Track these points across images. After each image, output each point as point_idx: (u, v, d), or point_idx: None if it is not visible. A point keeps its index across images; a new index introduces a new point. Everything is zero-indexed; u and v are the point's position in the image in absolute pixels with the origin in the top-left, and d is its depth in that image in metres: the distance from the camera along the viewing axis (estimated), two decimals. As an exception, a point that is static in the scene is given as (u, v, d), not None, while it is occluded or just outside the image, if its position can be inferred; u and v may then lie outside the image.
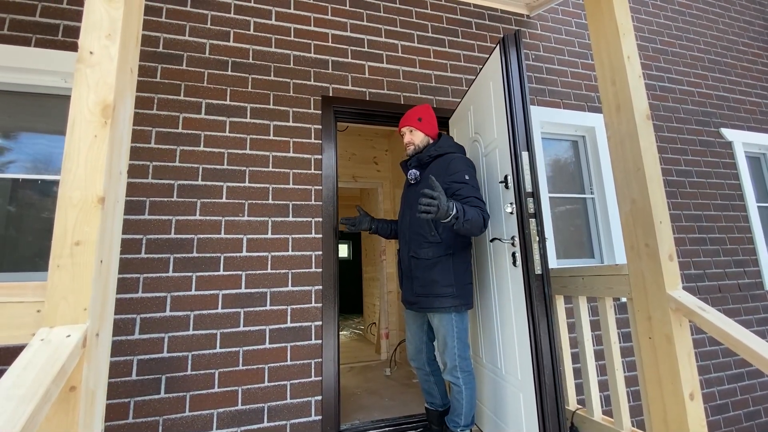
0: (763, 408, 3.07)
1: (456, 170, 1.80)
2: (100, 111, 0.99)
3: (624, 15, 1.67)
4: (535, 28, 3.19)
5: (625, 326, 2.69)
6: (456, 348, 1.82)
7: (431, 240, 1.85)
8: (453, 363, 1.83)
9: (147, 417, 1.84)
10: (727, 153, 3.58)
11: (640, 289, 1.56)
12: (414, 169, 2.00)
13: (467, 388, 1.83)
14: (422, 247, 1.88)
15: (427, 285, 1.84)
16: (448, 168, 1.82)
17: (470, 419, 1.87)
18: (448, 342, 1.83)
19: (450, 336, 1.82)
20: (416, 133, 2.01)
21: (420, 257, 1.88)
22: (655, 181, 1.53)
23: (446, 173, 1.81)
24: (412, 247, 1.94)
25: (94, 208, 0.94)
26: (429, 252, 1.85)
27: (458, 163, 1.83)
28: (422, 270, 1.87)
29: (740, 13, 4.17)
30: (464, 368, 1.83)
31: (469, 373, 1.85)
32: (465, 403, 1.83)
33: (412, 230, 1.95)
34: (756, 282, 3.33)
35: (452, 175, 1.80)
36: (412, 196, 2.00)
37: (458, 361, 1.82)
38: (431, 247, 1.85)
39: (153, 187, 2.06)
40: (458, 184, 1.77)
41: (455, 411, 1.87)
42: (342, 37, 2.59)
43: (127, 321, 1.90)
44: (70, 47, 2.08)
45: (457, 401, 1.85)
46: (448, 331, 1.83)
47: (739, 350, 1.22)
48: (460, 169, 1.80)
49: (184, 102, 2.20)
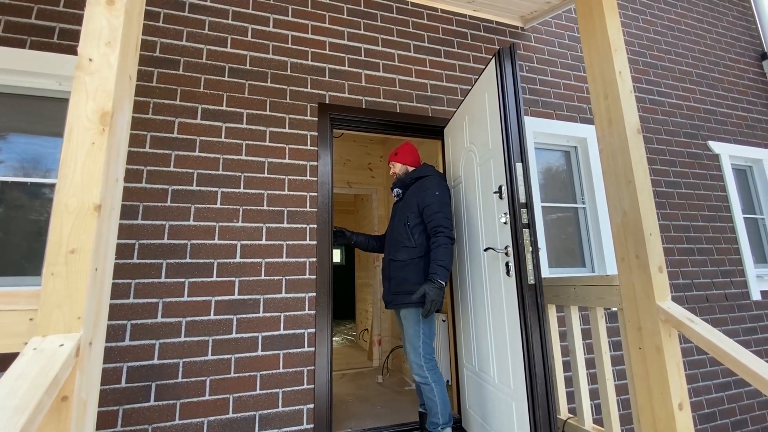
0: (749, 417, 3.12)
1: (427, 188, 2.13)
2: (98, 118, 0.99)
3: (616, 31, 1.71)
4: (529, 40, 3.25)
5: (616, 335, 2.72)
6: (420, 347, 1.98)
7: (407, 245, 2.12)
8: (419, 362, 1.96)
9: (136, 425, 1.81)
10: (715, 165, 3.67)
11: (630, 300, 1.59)
12: (398, 188, 2.33)
13: (437, 385, 1.94)
14: (399, 251, 2.14)
15: (400, 283, 2.07)
16: (422, 187, 2.17)
17: (447, 416, 1.92)
18: (413, 341, 2.00)
19: (416, 335, 2.00)
20: (396, 164, 2.39)
21: (397, 259, 2.14)
22: (645, 194, 1.56)
23: (420, 191, 2.16)
24: (391, 251, 2.20)
25: (90, 216, 0.94)
26: (404, 255, 2.11)
27: (429, 182, 2.16)
28: (397, 270, 2.12)
29: (727, 29, 4.29)
30: (430, 367, 1.97)
31: (435, 370, 1.97)
32: (438, 401, 1.92)
33: (392, 237, 2.24)
34: (742, 292, 3.40)
35: (424, 191, 2.13)
36: (396, 210, 2.32)
37: (424, 361, 1.96)
38: (406, 250, 2.11)
39: (147, 192, 2.05)
40: (429, 198, 2.09)
41: (431, 411, 1.94)
42: (339, 45, 2.61)
43: (118, 327, 1.88)
44: (65, 50, 2.07)
45: (431, 400, 1.93)
46: (414, 330, 2.01)
47: (726, 361, 1.25)
48: (430, 187, 2.13)
49: (180, 107, 2.19)
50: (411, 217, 2.13)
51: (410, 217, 2.14)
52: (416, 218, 2.12)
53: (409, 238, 2.11)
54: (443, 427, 1.91)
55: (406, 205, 2.19)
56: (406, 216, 2.15)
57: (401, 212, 2.22)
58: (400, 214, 2.22)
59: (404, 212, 2.19)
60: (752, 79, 4.23)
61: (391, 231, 2.28)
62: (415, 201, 2.14)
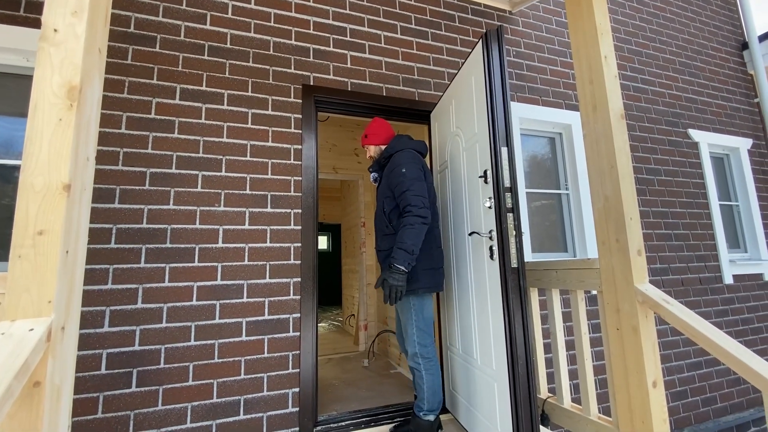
0: (719, 394, 3.28)
1: (395, 165, 2.00)
2: (65, 93, 0.94)
3: (602, 15, 1.71)
4: (517, 24, 3.22)
5: (595, 318, 2.80)
6: (416, 335, 1.93)
7: (387, 232, 2.02)
8: (413, 350, 1.93)
9: (117, 411, 1.79)
10: (694, 153, 3.75)
11: (609, 283, 1.62)
12: (374, 173, 2.22)
13: (428, 374, 1.92)
14: (381, 240, 2.06)
15: None
16: (390, 166, 2.05)
17: (434, 404, 1.93)
18: (408, 329, 1.96)
19: (410, 323, 1.95)
20: (369, 147, 2.26)
21: (381, 249, 2.06)
22: (627, 179, 1.59)
23: (389, 171, 2.04)
24: (376, 240, 2.13)
25: (59, 196, 0.90)
26: (386, 243, 2.02)
27: (398, 159, 2.03)
28: (383, 260, 2.04)
29: (711, 18, 4.34)
30: (425, 355, 1.92)
31: (429, 359, 1.93)
32: (426, 389, 1.91)
33: (376, 225, 2.15)
34: (716, 276, 3.53)
35: (393, 170, 2.00)
36: (378, 195, 2.18)
37: (418, 348, 1.92)
38: (387, 238, 2.02)
39: (124, 175, 1.98)
40: (397, 178, 1.96)
41: (419, 396, 1.95)
42: (324, 24, 2.54)
43: (96, 313, 1.83)
44: (33, 24, 1.96)
45: (419, 387, 1.94)
46: (408, 317, 1.95)
47: (698, 340, 1.29)
48: (399, 164, 1.99)
49: (158, 86, 2.11)
50: (387, 202, 2.02)
51: (386, 202, 2.02)
52: (392, 202, 2.00)
53: (387, 225, 2.00)
54: (426, 414, 1.93)
55: (383, 188, 2.08)
56: (382, 202, 2.05)
57: (379, 198, 2.11)
58: (379, 200, 2.11)
59: (381, 197, 2.08)
60: (733, 69, 4.31)
61: (375, 218, 2.17)
62: (387, 183, 2.03)
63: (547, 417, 2.01)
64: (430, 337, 1.97)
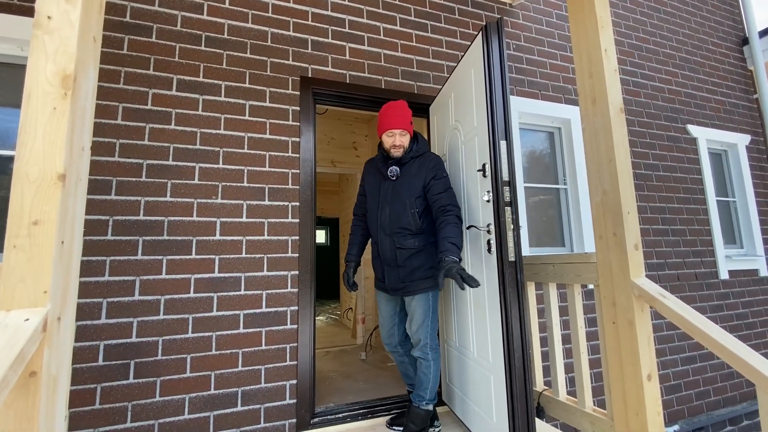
0: (712, 388, 3.31)
1: (435, 167, 1.98)
2: (59, 81, 0.93)
3: (603, 8, 1.69)
4: (517, 17, 3.19)
5: (590, 312, 2.81)
6: (429, 327, 1.96)
7: (415, 231, 1.96)
8: (425, 340, 1.94)
9: (115, 403, 1.79)
10: (692, 149, 3.75)
11: (606, 277, 1.63)
12: (395, 167, 2.03)
13: (435, 363, 1.96)
14: (407, 239, 1.97)
15: (413, 271, 1.95)
16: (429, 167, 1.98)
17: (434, 394, 1.98)
18: (424, 320, 1.95)
19: (426, 315, 1.95)
20: (407, 136, 2.04)
21: (406, 247, 1.96)
22: (626, 173, 1.58)
23: (427, 171, 1.97)
24: (396, 239, 1.98)
25: (54, 186, 0.89)
26: (415, 242, 1.96)
27: (436, 162, 2.01)
28: (408, 258, 1.96)
29: (711, 13, 4.32)
30: (434, 346, 1.97)
31: (436, 350, 1.99)
32: (432, 378, 1.95)
33: (394, 224, 1.99)
34: (711, 271, 3.55)
35: (432, 172, 1.97)
36: (390, 191, 2.03)
37: (429, 339, 1.96)
38: (416, 237, 1.96)
39: (120, 167, 1.97)
40: (437, 180, 1.95)
41: (421, 385, 1.97)
42: (322, 16, 2.51)
43: (93, 305, 1.83)
44: (27, 12, 1.93)
45: (425, 375, 1.96)
46: (425, 310, 1.95)
47: (694, 334, 1.30)
48: (438, 166, 2.00)
49: (154, 77, 2.08)
50: (418, 202, 1.95)
51: (417, 202, 1.94)
52: (423, 203, 1.95)
53: (417, 224, 1.94)
54: (428, 402, 1.95)
55: (409, 187, 1.96)
56: (413, 202, 1.94)
57: (401, 196, 1.97)
58: (402, 198, 1.97)
59: (408, 197, 1.95)
60: (732, 64, 4.30)
61: (389, 215, 1.99)
62: (419, 182, 1.95)
63: (543, 409, 2.03)
64: (437, 329, 2.03)
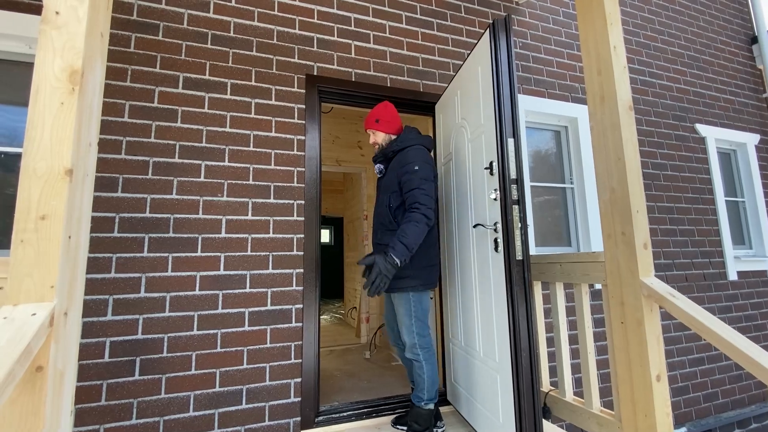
0: (720, 390, 3.27)
1: (407, 161, 1.95)
2: (67, 77, 0.93)
3: (612, 5, 1.67)
4: (524, 15, 3.17)
5: (598, 312, 2.79)
6: (414, 326, 1.94)
7: (390, 228, 1.98)
8: (412, 341, 1.94)
9: (120, 399, 1.80)
10: (700, 148, 3.71)
11: (615, 276, 1.61)
12: (379, 164, 2.14)
13: (428, 364, 1.93)
14: (386, 235, 2.00)
15: None
16: (402, 161, 1.98)
17: (433, 393, 1.95)
18: (405, 321, 1.95)
19: (407, 315, 1.94)
20: (377, 133, 2.14)
21: (383, 243, 1.98)
22: (634, 172, 1.56)
23: (399, 166, 1.98)
24: (377, 234, 2.08)
25: (61, 181, 0.89)
26: (389, 238, 1.93)
27: (411, 155, 1.97)
28: None
29: (720, 12, 4.27)
30: (423, 345, 1.94)
31: (428, 349, 1.95)
32: (426, 378, 1.93)
33: (377, 220, 2.10)
34: (720, 272, 3.50)
35: (404, 166, 1.95)
36: (379, 187, 2.16)
37: (417, 339, 1.93)
38: (390, 233, 1.96)
39: (127, 164, 1.97)
40: (407, 174, 1.92)
41: (418, 386, 1.96)
42: (328, 14, 2.51)
43: (99, 302, 1.83)
44: (35, 10, 1.94)
45: (419, 377, 1.94)
46: (405, 311, 1.95)
47: (705, 335, 1.28)
48: (411, 161, 1.94)
49: (160, 75, 2.09)
50: (393, 197, 1.98)
51: (392, 197, 1.98)
52: (398, 198, 1.97)
53: (392, 221, 1.97)
54: (426, 402, 1.94)
55: (388, 182, 2.03)
56: (388, 197, 2.00)
57: (383, 191, 2.07)
58: (383, 194, 2.06)
59: (386, 192, 2.03)
60: (742, 63, 4.24)
61: (376, 212, 2.12)
62: (395, 177, 1.98)
63: (549, 410, 2.01)
64: (428, 328, 1.99)
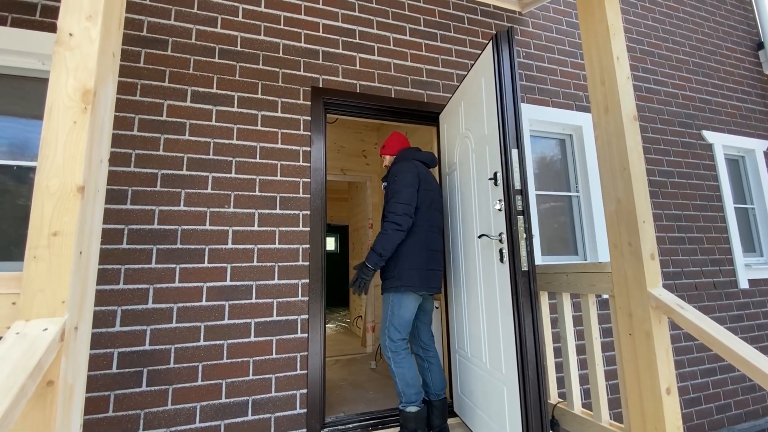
0: (733, 401, 3.20)
1: (392, 174, 2.20)
2: (79, 96, 0.95)
3: (614, 15, 1.68)
4: (527, 25, 3.20)
5: (605, 322, 2.75)
6: (387, 329, 2.04)
7: None
8: (384, 342, 2.05)
9: (128, 410, 1.81)
10: (708, 155, 3.68)
11: (622, 287, 1.60)
12: (384, 182, 2.34)
13: (397, 366, 2.01)
14: None
15: (382, 271, 2.16)
16: (391, 174, 2.23)
17: (411, 396, 1.99)
18: (383, 321, 2.08)
19: (384, 317, 2.08)
20: (384, 157, 2.46)
21: None
22: (640, 181, 1.56)
23: (389, 179, 2.23)
24: None
25: (73, 198, 0.91)
26: None
27: (392, 170, 2.23)
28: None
29: (725, 18, 4.26)
30: (393, 349, 2.02)
31: (396, 353, 2.02)
32: (398, 381, 2.01)
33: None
34: (730, 281, 3.45)
35: (390, 179, 2.20)
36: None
37: (388, 342, 2.03)
38: None
39: (136, 176, 2.01)
40: (391, 185, 2.16)
41: (395, 388, 2.04)
42: (333, 27, 2.55)
43: (108, 313, 1.86)
44: (48, 28, 2.00)
45: (394, 378, 2.03)
46: (385, 311, 2.09)
47: (714, 346, 1.26)
48: (394, 173, 2.19)
49: (169, 89, 2.13)
50: (386, 208, 2.20)
51: (386, 208, 2.20)
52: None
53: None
54: (405, 405, 2.00)
55: (385, 197, 2.26)
56: (384, 208, 2.21)
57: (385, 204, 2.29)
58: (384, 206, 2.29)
59: (385, 205, 2.24)
60: (748, 69, 4.22)
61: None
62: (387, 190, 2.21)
63: (557, 422, 1.98)
64: (401, 335, 2.05)
